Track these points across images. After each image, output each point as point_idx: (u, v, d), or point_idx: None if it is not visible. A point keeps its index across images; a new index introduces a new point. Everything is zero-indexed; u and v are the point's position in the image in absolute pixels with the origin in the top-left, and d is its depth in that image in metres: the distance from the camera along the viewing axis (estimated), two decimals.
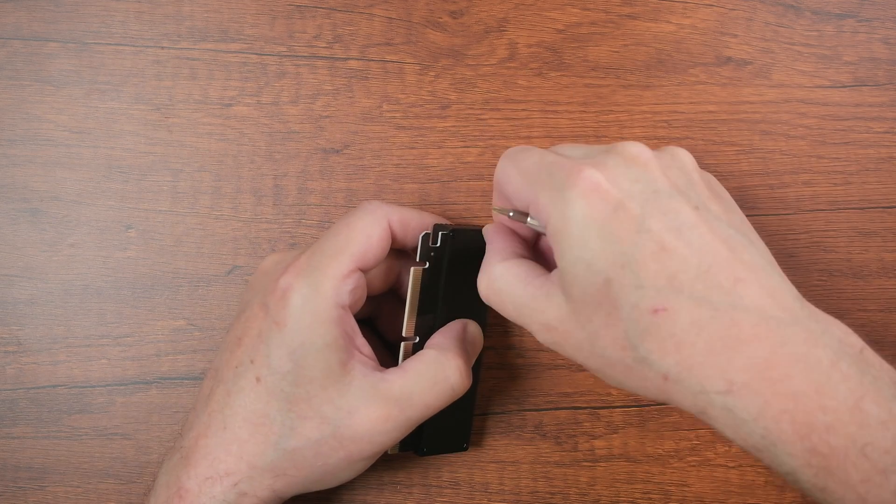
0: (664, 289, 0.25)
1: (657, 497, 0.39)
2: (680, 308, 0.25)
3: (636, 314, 0.25)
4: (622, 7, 0.40)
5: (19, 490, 0.37)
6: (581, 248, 0.26)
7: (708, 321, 0.24)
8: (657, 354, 0.25)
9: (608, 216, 0.26)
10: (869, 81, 0.40)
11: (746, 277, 0.25)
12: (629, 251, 0.25)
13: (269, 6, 0.39)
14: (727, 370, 0.24)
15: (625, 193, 0.26)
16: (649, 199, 0.26)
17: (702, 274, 0.25)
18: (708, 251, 0.25)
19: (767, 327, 0.24)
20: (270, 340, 0.30)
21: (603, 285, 0.26)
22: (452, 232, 0.33)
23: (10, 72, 0.37)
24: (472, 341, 0.34)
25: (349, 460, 0.30)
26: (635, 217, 0.26)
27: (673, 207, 0.26)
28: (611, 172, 0.27)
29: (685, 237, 0.25)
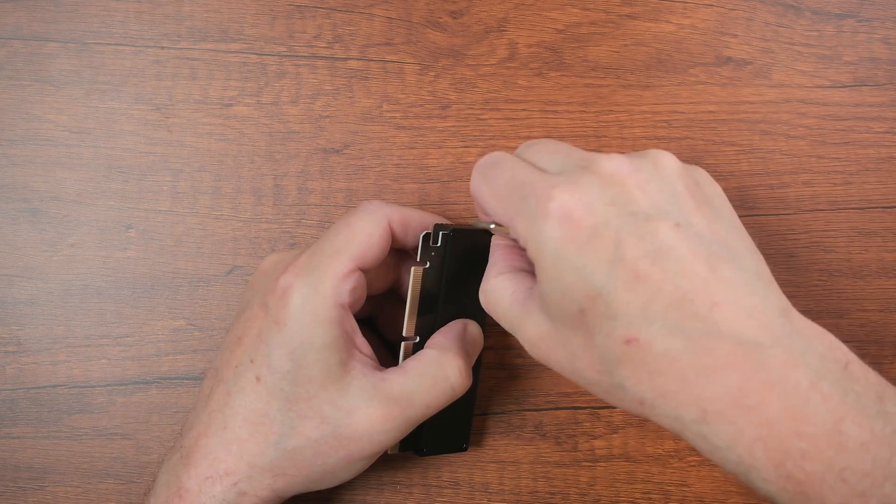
0: (636, 319, 0.24)
1: (657, 497, 0.39)
2: (652, 338, 0.24)
3: (609, 343, 0.25)
4: (622, 7, 0.40)
5: (19, 490, 0.37)
6: (556, 280, 0.26)
7: (680, 351, 0.24)
8: (631, 382, 0.25)
9: (582, 246, 0.25)
10: (869, 81, 0.40)
11: (724, 300, 0.24)
12: (602, 282, 0.25)
13: (269, 6, 0.39)
14: (701, 399, 0.24)
15: (599, 219, 0.25)
16: (625, 224, 0.25)
17: (676, 302, 0.24)
18: (684, 275, 0.24)
19: (743, 353, 0.24)
20: (270, 340, 0.30)
21: (578, 313, 0.26)
22: (453, 232, 0.33)
23: (10, 72, 0.38)
24: (473, 341, 0.34)
25: (349, 460, 0.30)
26: (609, 245, 0.25)
27: (650, 230, 0.25)
28: (585, 195, 0.26)
29: (660, 262, 0.25)
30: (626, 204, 0.26)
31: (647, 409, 0.25)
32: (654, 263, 0.25)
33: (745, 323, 0.24)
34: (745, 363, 0.23)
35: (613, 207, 0.26)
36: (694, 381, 0.24)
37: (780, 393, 0.23)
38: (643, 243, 0.25)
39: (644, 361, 0.25)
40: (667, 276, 0.24)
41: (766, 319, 0.24)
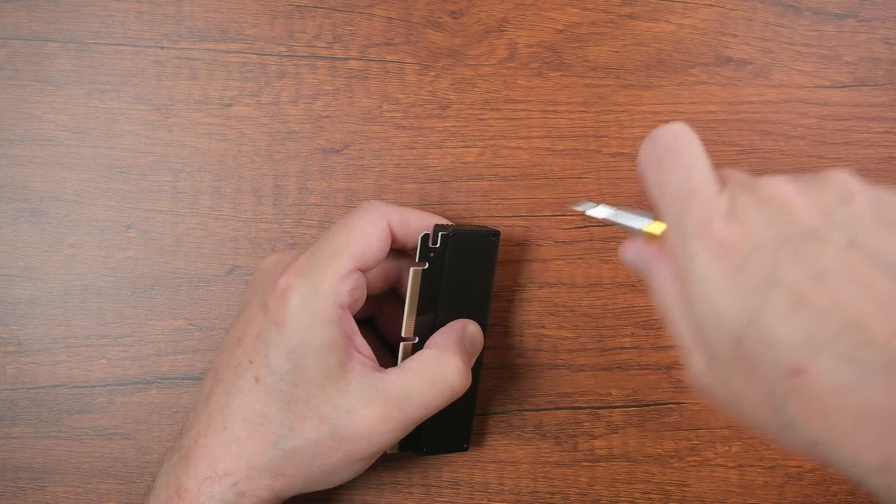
0: (801, 347, 0.22)
1: (657, 497, 0.39)
2: (821, 369, 0.22)
3: (775, 374, 0.23)
4: (622, 7, 0.40)
5: (19, 490, 0.37)
6: (708, 306, 0.24)
7: (855, 385, 0.21)
8: (802, 419, 0.22)
9: (735, 270, 0.23)
10: (869, 81, 0.40)
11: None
12: (757, 307, 0.23)
13: (269, 6, 0.39)
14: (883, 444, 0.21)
15: (755, 243, 0.23)
16: (783, 245, 0.23)
17: (846, 328, 0.21)
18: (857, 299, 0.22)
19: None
20: (269, 340, 0.30)
21: (735, 343, 0.23)
22: (453, 232, 0.33)
23: (10, 72, 0.38)
24: (472, 341, 0.34)
25: (348, 460, 0.30)
26: (765, 268, 0.23)
27: (814, 251, 0.23)
28: (742, 218, 0.24)
29: (827, 285, 0.22)
30: (787, 225, 0.24)
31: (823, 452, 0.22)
32: (818, 287, 0.22)
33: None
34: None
35: (771, 229, 0.24)
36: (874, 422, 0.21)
37: None
38: (804, 266, 0.23)
39: (815, 396, 0.22)
40: (834, 301, 0.22)
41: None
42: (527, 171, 0.39)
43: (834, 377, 0.21)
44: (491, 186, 0.39)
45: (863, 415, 0.21)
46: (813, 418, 0.22)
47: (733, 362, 0.24)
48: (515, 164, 0.39)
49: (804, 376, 0.22)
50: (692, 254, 0.24)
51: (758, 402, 0.24)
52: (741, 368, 0.24)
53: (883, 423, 0.21)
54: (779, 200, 0.24)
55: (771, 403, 0.23)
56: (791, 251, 0.23)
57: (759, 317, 0.23)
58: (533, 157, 0.39)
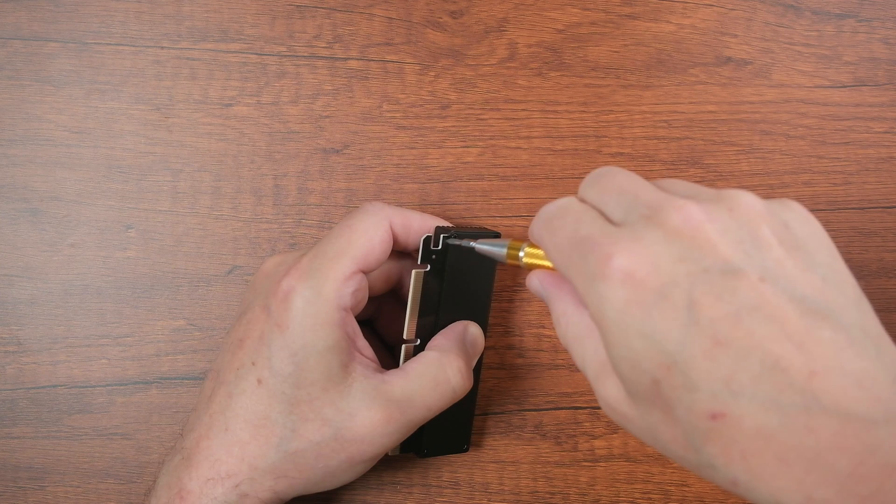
0: (721, 392, 0.21)
1: (657, 497, 0.39)
2: (742, 414, 0.21)
3: (692, 418, 0.22)
4: (622, 7, 0.40)
5: (19, 490, 0.37)
6: (623, 348, 0.23)
7: (777, 429, 0.21)
8: (722, 461, 0.22)
9: (649, 310, 0.22)
10: (869, 81, 0.40)
11: (824, 367, 0.21)
12: (675, 349, 0.22)
13: (269, 6, 0.38)
14: (804, 485, 0.20)
15: (666, 278, 0.22)
16: (698, 282, 0.22)
17: (766, 371, 0.21)
18: (774, 339, 0.21)
19: (853, 432, 0.20)
20: (272, 343, 0.30)
21: (652, 385, 0.23)
22: (454, 234, 0.33)
23: (10, 72, 0.37)
24: (473, 342, 0.34)
25: (350, 462, 0.30)
26: (681, 307, 0.22)
27: (729, 287, 0.22)
28: (649, 252, 0.23)
29: (744, 324, 0.21)
30: (699, 259, 0.23)
31: (743, 491, 0.22)
32: (736, 326, 0.21)
33: (853, 394, 0.21)
34: (855, 444, 0.20)
35: (683, 264, 0.22)
36: (795, 463, 0.21)
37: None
38: (721, 303, 0.22)
39: (734, 439, 0.21)
40: (753, 341, 0.21)
41: (879, 389, 0.21)
42: (527, 171, 0.39)
43: (754, 421, 0.21)
44: (491, 186, 0.39)
45: (784, 457, 0.21)
46: (733, 461, 0.22)
47: (650, 402, 0.23)
48: (515, 164, 0.39)
49: (723, 420, 0.21)
50: (601, 296, 0.23)
51: (675, 440, 0.23)
52: (658, 407, 0.23)
53: (804, 463, 0.20)
54: (688, 230, 0.23)
55: (689, 443, 0.23)
56: (706, 287, 0.22)
57: (678, 360, 0.22)
58: (533, 157, 0.39)
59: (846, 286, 0.23)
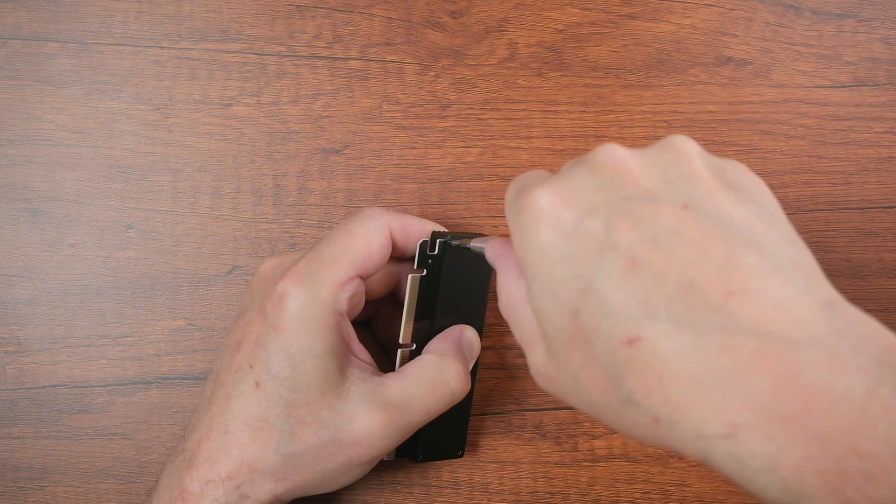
0: (636, 314, 0.21)
1: (657, 497, 0.39)
2: (656, 336, 0.20)
3: (610, 347, 0.21)
4: (622, 7, 0.40)
5: (19, 490, 0.37)
6: (543, 279, 0.23)
7: (692, 349, 0.20)
8: (641, 393, 0.21)
9: (567, 237, 0.22)
10: (869, 81, 0.40)
11: (744, 288, 0.20)
12: (591, 273, 0.22)
13: (269, 6, 0.38)
14: (724, 409, 0.19)
15: (585, 207, 0.22)
16: (616, 209, 0.22)
17: (681, 290, 0.20)
18: (692, 260, 0.21)
19: (772, 351, 0.19)
20: (269, 346, 0.30)
21: (571, 317, 0.22)
22: (450, 239, 0.33)
23: (10, 72, 0.37)
24: (470, 346, 0.34)
25: (348, 465, 0.30)
26: (598, 232, 0.22)
27: (649, 213, 0.22)
28: (570, 186, 0.23)
29: (662, 247, 0.21)
30: (620, 188, 0.23)
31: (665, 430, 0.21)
32: (653, 249, 0.21)
33: (774, 316, 0.20)
34: (775, 364, 0.19)
35: (603, 193, 0.23)
36: (713, 387, 0.20)
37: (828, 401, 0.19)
38: (640, 228, 0.22)
39: (651, 365, 0.21)
40: (671, 262, 0.21)
41: (803, 313, 0.20)
42: (527, 171, 0.39)
43: (668, 343, 0.20)
44: (491, 186, 0.39)
45: (701, 380, 0.20)
46: (651, 391, 0.21)
47: (571, 341, 0.23)
48: (515, 164, 0.39)
49: (639, 345, 0.21)
50: (523, 228, 0.23)
51: (597, 381, 0.22)
52: (579, 346, 0.23)
53: (723, 386, 0.19)
54: (611, 165, 0.23)
55: (609, 380, 0.22)
56: (624, 214, 0.22)
57: (594, 284, 0.22)
58: (533, 157, 0.39)
59: (781, 226, 0.23)
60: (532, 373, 0.26)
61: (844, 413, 0.18)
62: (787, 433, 0.19)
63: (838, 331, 0.20)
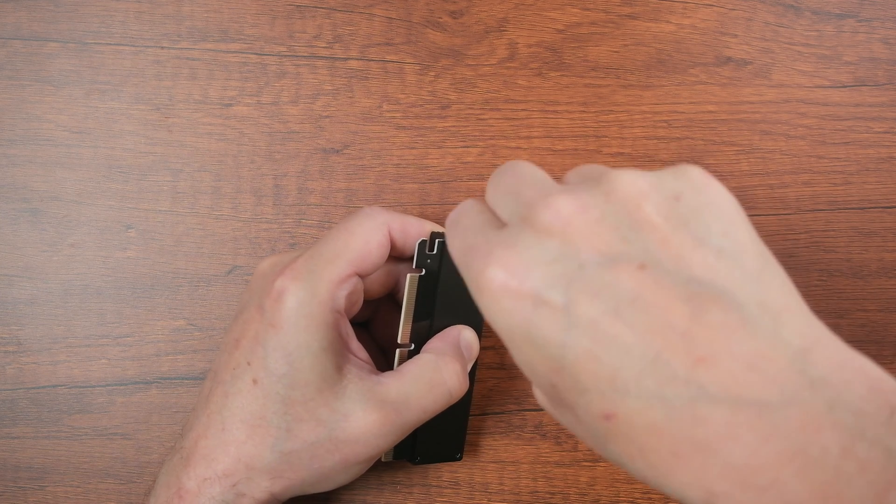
0: (608, 392, 0.21)
1: (657, 497, 0.39)
2: (630, 412, 0.20)
3: (590, 419, 0.22)
4: (622, 7, 0.40)
5: (19, 490, 0.37)
6: (517, 355, 0.23)
7: (665, 424, 0.20)
8: (626, 458, 0.22)
9: (529, 318, 0.22)
10: (869, 81, 0.40)
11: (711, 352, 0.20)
12: (560, 354, 0.21)
13: (269, 6, 0.38)
14: (703, 478, 0.20)
15: (542, 283, 0.21)
16: (574, 280, 0.21)
17: (648, 364, 0.20)
18: (656, 329, 0.20)
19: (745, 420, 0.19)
20: (267, 343, 0.30)
21: (552, 389, 0.23)
22: None
23: (10, 72, 0.37)
24: (468, 347, 0.34)
25: (345, 464, 0.30)
26: (559, 310, 0.21)
27: (606, 281, 0.21)
28: (521, 259, 0.22)
29: (625, 318, 0.21)
30: (573, 256, 0.22)
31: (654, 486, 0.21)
32: (616, 321, 0.21)
33: (743, 379, 0.20)
34: (748, 432, 0.19)
35: (556, 265, 0.22)
36: (691, 457, 0.20)
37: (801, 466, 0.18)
38: (600, 299, 0.21)
39: (630, 438, 0.21)
40: (635, 335, 0.20)
41: (775, 369, 0.20)
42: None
43: (642, 419, 0.20)
44: None
45: (677, 453, 0.20)
46: (635, 458, 0.21)
47: (559, 404, 0.23)
48: None
49: (616, 421, 0.21)
50: (485, 308, 0.23)
51: (588, 439, 0.23)
52: (566, 410, 0.23)
53: (699, 457, 0.20)
54: (558, 227, 0.22)
55: (596, 442, 0.23)
56: (582, 286, 0.21)
57: (563, 364, 0.21)
58: (533, 157, 0.39)
59: (745, 256, 0.22)
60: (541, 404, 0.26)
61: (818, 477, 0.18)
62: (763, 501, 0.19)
63: (812, 383, 0.19)
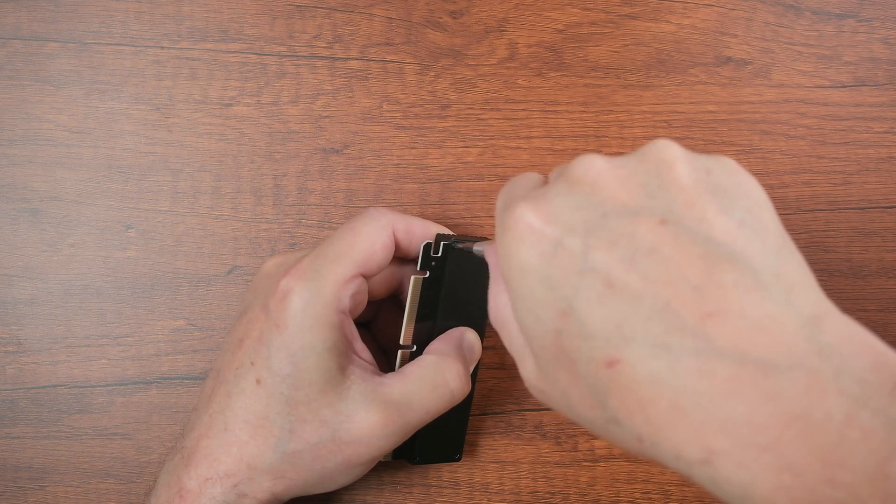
0: (613, 337, 0.21)
1: (657, 497, 0.39)
2: (634, 359, 0.20)
3: (592, 368, 0.21)
4: (622, 7, 0.40)
5: (19, 490, 0.37)
6: (526, 299, 0.23)
7: (667, 374, 0.20)
8: (624, 413, 0.21)
9: (547, 259, 0.22)
10: (869, 81, 0.40)
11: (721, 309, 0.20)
12: (570, 295, 0.21)
13: (269, 6, 0.38)
14: (702, 434, 0.19)
15: (564, 227, 0.22)
16: (594, 228, 0.22)
17: (657, 313, 0.20)
18: (669, 280, 0.20)
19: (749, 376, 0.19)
20: (271, 343, 0.30)
21: (554, 337, 0.22)
22: (454, 242, 0.33)
23: (10, 72, 0.37)
24: (470, 348, 0.34)
25: (347, 465, 0.30)
26: (577, 254, 0.22)
27: (626, 231, 0.21)
28: (550, 204, 0.23)
29: (639, 267, 0.21)
30: (598, 205, 0.22)
31: (649, 448, 0.21)
32: (630, 270, 0.21)
33: (752, 337, 0.19)
34: (752, 390, 0.19)
35: (581, 212, 0.22)
36: (690, 412, 0.20)
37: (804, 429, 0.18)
38: (617, 248, 0.21)
39: (630, 388, 0.21)
40: (647, 284, 0.21)
41: (784, 333, 0.20)
42: (527, 171, 0.39)
43: (645, 367, 0.20)
44: (491, 186, 0.39)
45: (677, 405, 0.20)
46: (633, 412, 0.21)
47: (556, 360, 0.23)
48: (515, 164, 0.39)
49: (618, 367, 0.21)
50: (506, 247, 0.23)
51: (583, 399, 0.23)
52: (563, 365, 0.23)
53: (699, 412, 0.19)
54: (588, 179, 0.23)
55: (594, 399, 0.22)
56: (602, 233, 0.22)
57: (573, 306, 0.22)
58: (533, 157, 0.39)
59: (767, 233, 0.22)
60: (526, 384, 0.26)
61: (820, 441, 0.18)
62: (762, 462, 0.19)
63: (820, 350, 0.19)
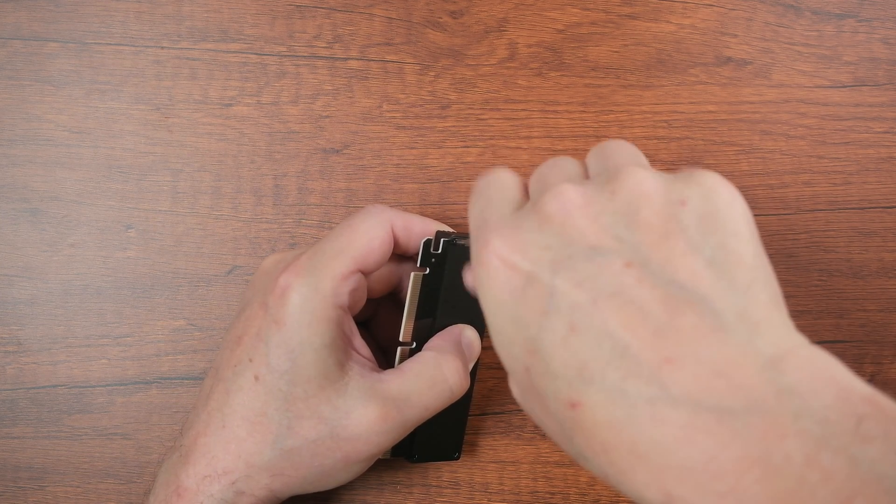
0: (575, 380, 0.21)
1: None
2: (593, 403, 0.21)
3: (558, 407, 0.22)
4: (622, 7, 0.40)
5: (19, 490, 0.37)
6: (500, 333, 0.23)
7: (625, 421, 0.20)
8: (589, 453, 0.21)
9: (516, 296, 0.22)
10: (869, 81, 0.40)
11: (679, 354, 0.20)
12: (537, 336, 0.22)
13: (269, 6, 0.39)
14: (661, 480, 0.19)
15: (533, 266, 0.22)
16: (561, 269, 0.22)
17: (616, 357, 0.20)
18: (629, 325, 0.20)
19: (703, 424, 0.19)
20: (269, 339, 0.30)
21: (525, 373, 0.23)
22: (454, 239, 0.33)
23: (10, 72, 0.38)
24: (469, 346, 0.34)
25: (346, 461, 0.30)
26: (544, 294, 0.22)
27: (590, 273, 0.21)
28: (522, 239, 0.23)
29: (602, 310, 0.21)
30: (566, 245, 0.22)
31: (614, 484, 0.21)
32: (592, 312, 0.21)
33: (707, 383, 0.19)
34: (707, 437, 0.19)
35: (549, 252, 0.22)
36: (649, 458, 0.20)
37: (763, 473, 0.18)
38: (582, 290, 0.21)
39: (592, 431, 0.21)
40: (607, 328, 0.21)
41: (742, 376, 0.19)
42: (527, 171, 0.39)
43: (604, 412, 0.20)
44: None
45: (636, 451, 0.20)
46: (597, 453, 0.21)
47: (530, 391, 0.23)
48: (515, 164, 0.39)
49: (580, 410, 0.21)
50: (480, 281, 0.24)
51: (555, 432, 0.23)
52: (536, 399, 0.23)
53: (657, 458, 0.19)
54: (559, 217, 0.23)
55: (563, 434, 0.22)
56: (569, 273, 0.22)
57: (539, 346, 0.22)
58: (533, 157, 0.39)
59: (737, 269, 0.22)
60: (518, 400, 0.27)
61: (780, 485, 0.18)
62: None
63: (779, 392, 0.19)
